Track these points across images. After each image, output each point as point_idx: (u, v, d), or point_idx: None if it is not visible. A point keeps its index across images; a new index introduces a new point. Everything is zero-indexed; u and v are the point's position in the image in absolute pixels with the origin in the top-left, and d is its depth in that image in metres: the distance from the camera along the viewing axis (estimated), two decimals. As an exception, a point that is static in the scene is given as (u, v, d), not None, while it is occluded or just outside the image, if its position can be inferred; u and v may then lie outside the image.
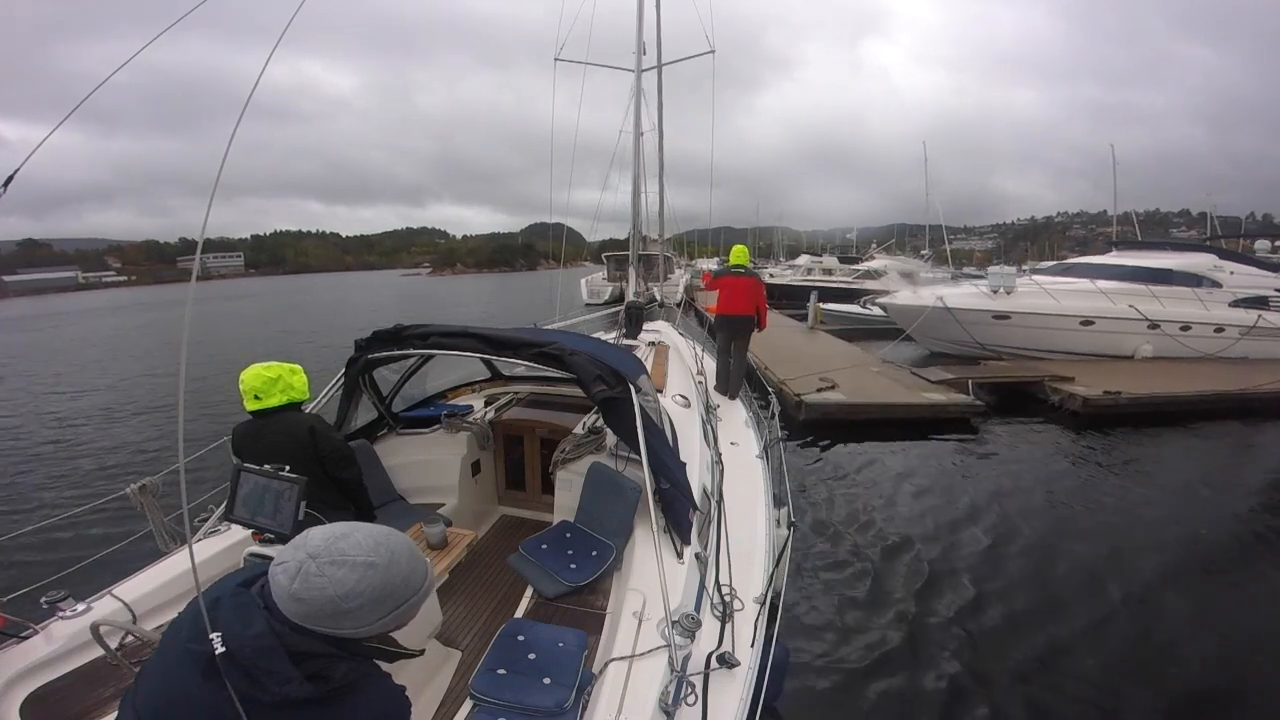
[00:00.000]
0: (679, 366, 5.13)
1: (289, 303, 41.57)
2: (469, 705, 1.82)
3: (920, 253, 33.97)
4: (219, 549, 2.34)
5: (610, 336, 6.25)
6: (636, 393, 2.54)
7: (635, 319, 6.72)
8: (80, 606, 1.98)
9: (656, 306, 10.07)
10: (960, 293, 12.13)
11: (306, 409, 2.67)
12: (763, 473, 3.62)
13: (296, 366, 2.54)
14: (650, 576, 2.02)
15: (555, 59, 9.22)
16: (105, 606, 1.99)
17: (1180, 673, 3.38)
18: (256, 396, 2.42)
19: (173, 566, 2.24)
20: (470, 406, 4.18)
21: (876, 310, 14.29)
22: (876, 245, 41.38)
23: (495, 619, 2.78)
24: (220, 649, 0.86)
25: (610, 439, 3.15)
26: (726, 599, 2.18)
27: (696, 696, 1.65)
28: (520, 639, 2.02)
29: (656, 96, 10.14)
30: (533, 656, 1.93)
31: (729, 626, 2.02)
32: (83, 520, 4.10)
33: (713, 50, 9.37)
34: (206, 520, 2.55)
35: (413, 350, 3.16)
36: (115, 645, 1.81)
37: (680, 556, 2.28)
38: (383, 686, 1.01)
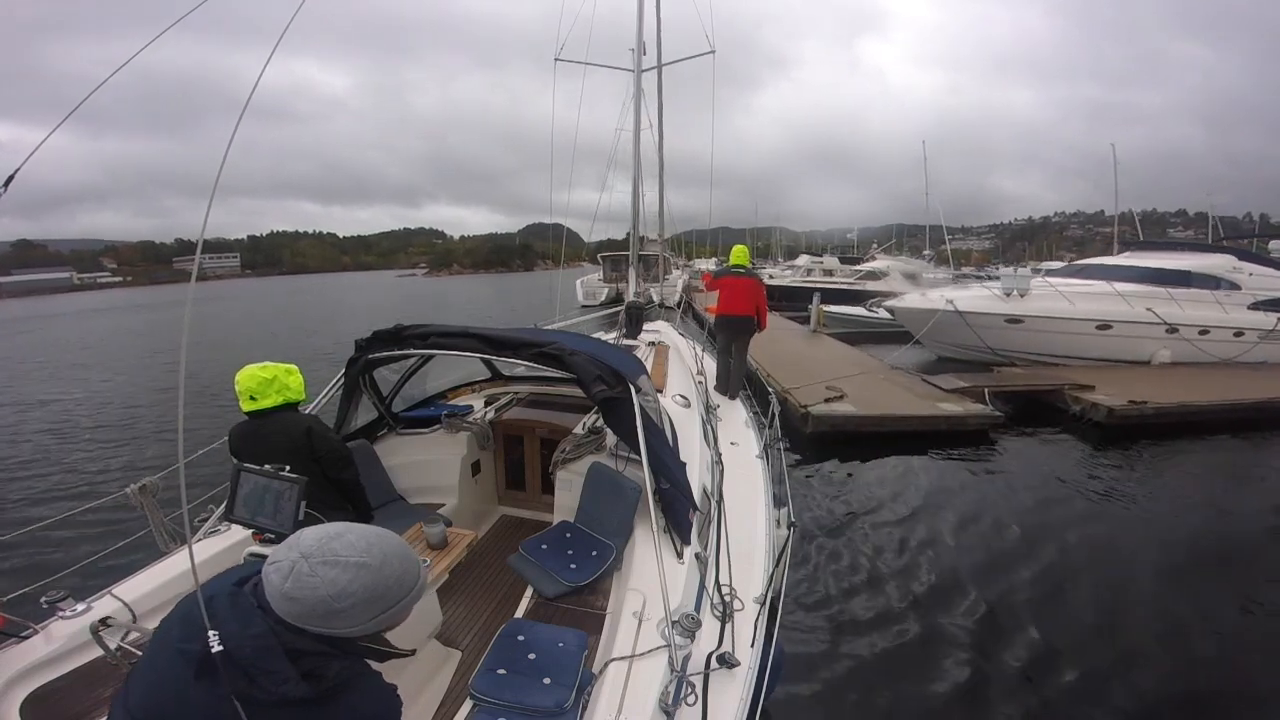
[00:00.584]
0: (679, 366, 5.13)
1: (274, 306, 40.66)
2: (469, 705, 1.83)
3: (923, 253, 33.69)
4: (219, 549, 2.34)
5: (610, 336, 6.26)
6: (636, 393, 2.55)
7: (635, 319, 6.72)
8: (80, 606, 1.98)
9: (657, 307, 10.04)
10: (971, 295, 11.65)
11: (305, 409, 2.67)
12: (763, 473, 3.62)
13: (292, 367, 2.54)
14: (650, 576, 2.02)
15: (555, 59, 9.22)
16: (105, 606, 1.99)
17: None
18: (252, 398, 2.41)
19: (173, 566, 2.24)
20: (470, 406, 4.18)
21: (883, 313, 13.84)
22: (877, 245, 40.98)
23: (495, 619, 2.78)
24: (218, 648, 0.87)
25: (610, 439, 3.15)
26: (726, 599, 2.18)
27: (696, 696, 1.65)
28: (520, 639, 2.03)
29: (656, 97, 10.12)
30: (533, 656, 1.93)
31: (729, 626, 2.03)
32: (83, 520, 4.09)
33: (713, 50, 9.36)
34: (206, 520, 2.55)
35: (413, 350, 3.16)
36: (115, 645, 1.81)
37: (680, 556, 2.28)
38: (375, 685, 1.02)
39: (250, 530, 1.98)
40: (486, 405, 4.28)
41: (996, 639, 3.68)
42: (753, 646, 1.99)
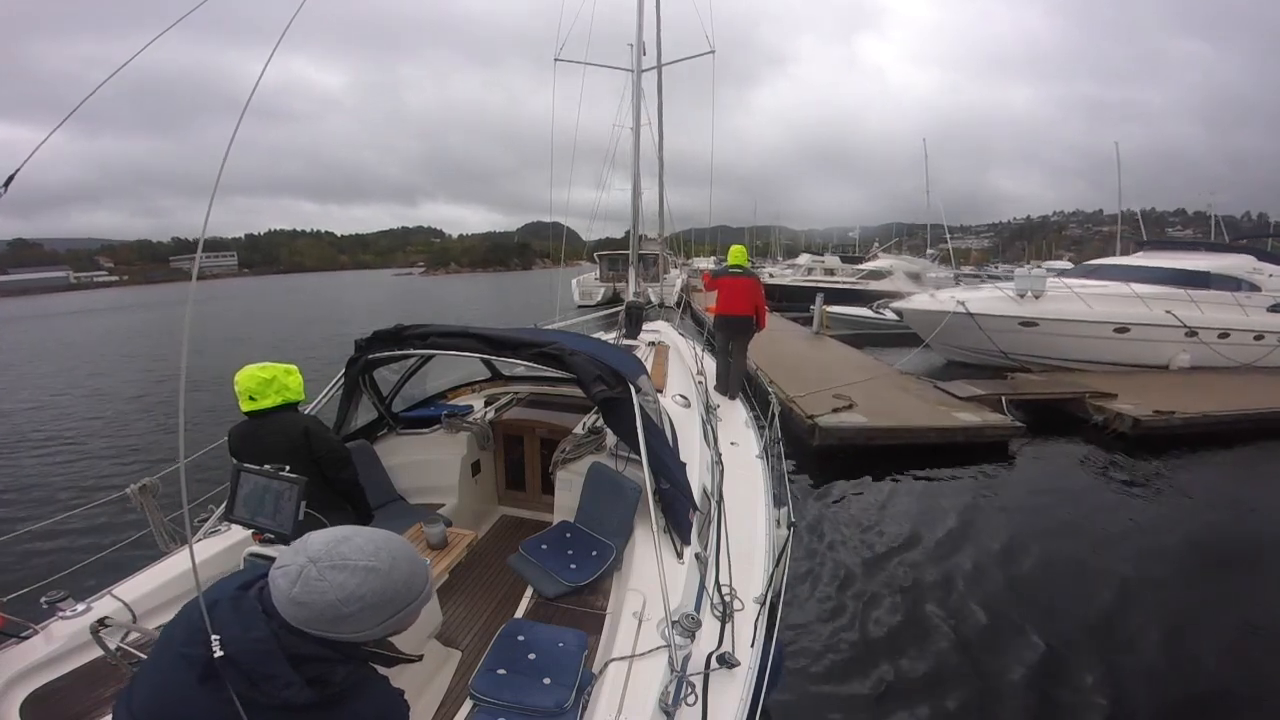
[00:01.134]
0: (679, 366, 5.13)
1: (260, 306, 39.60)
2: (469, 705, 1.83)
3: (926, 251, 33.25)
4: (219, 549, 2.34)
5: (610, 336, 6.26)
6: (636, 393, 2.55)
7: (635, 319, 6.72)
8: (80, 606, 1.98)
9: (657, 307, 10.00)
10: (983, 297, 11.10)
11: (305, 409, 2.67)
12: (763, 473, 3.62)
13: (292, 367, 2.55)
14: (650, 576, 2.02)
15: (555, 59, 9.21)
16: (105, 606, 1.99)
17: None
18: (251, 398, 2.42)
19: (173, 566, 2.24)
20: (470, 406, 4.18)
21: (890, 315, 13.33)
22: (878, 244, 40.51)
23: (495, 619, 2.78)
24: (219, 652, 0.86)
25: (610, 439, 3.15)
26: (726, 599, 2.18)
27: (696, 696, 1.65)
28: (520, 639, 2.03)
29: (656, 97, 10.11)
30: (533, 656, 1.93)
31: (729, 626, 2.03)
32: (83, 520, 4.09)
33: (713, 50, 9.35)
34: (206, 520, 2.55)
35: (413, 350, 3.16)
36: (115, 646, 1.81)
37: (680, 556, 2.28)
38: (381, 690, 1.02)
39: (250, 530, 1.98)
40: (486, 405, 4.28)
41: (1036, 672, 3.41)
42: (753, 646, 1.99)
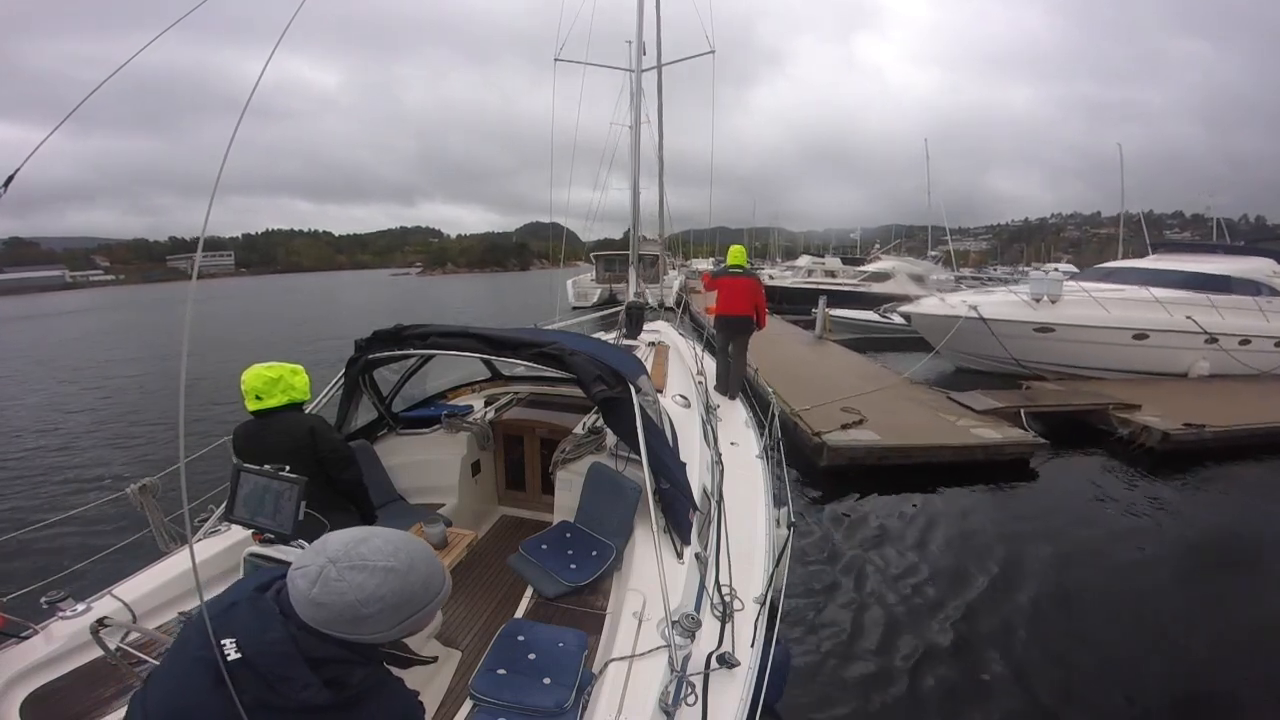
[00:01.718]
0: (679, 366, 5.14)
1: (252, 309, 38.52)
2: (469, 705, 1.83)
3: (929, 253, 32.66)
4: (219, 549, 2.34)
5: (610, 336, 6.26)
6: (636, 393, 2.55)
7: (635, 319, 6.72)
8: (80, 606, 1.98)
9: (658, 308, 9.97)
10: (996, 301, 10.60)
11: (307, 409, 2.68)
12: (763, 473, 3.63)
13: (298, 367, 2.55)
14: (650, 576, 2.02)
15: (555, 59, 9.21)
16: (105, 606, 1.99)
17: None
18: (258, 397, 2.42)
19: (173, 566, 2.25)
20: (470, 406, 4.18)
21: (897, 319, 12.76)
22: (879, 246, 39.70)
23: (495, 619, 2.78)
24: (235, 655, 0.86)
25: (610, 439, 3.15)
26: (726, 599, 2.18)
27: (696, 696, 1.66)
28: (520, 639, 2.03)
29: (656, 97, 10.11)
30: (533, 656, 1.93)
31: (729, 626, 2.03)
32: (83, 520, 4.08)
33: (713, 50, 9.35)
34: (206, 520, 2.55)
35: (412, 350, 3.16)
36: (115, 646, 1.81)
37: (680, 556, 2.29)
38: (398, 692, 1.02)
39: (250, 530, 1.98)
40: (486, 405, 4.28)
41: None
42: (753, 646, 2.00)
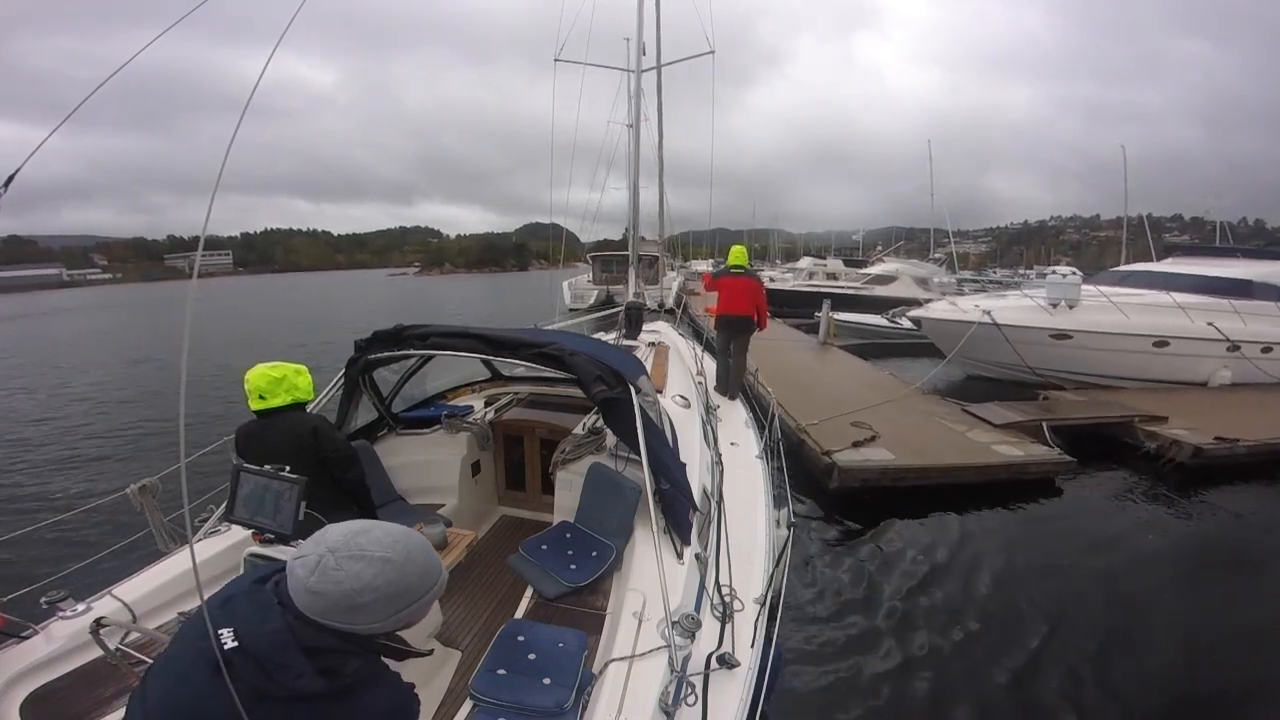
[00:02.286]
0: (679, 367, 5.14)
1: (245, 308, 37.97)
2: (469, 705, 1.82)
3: (933, 255, 31.96)
4: (219, 549, 2.34)
5: (610, 337, 6.27)
6: (636, 393, 2.55)
7: (635, 319, 6.72)
8: (80, 606, 1.98)
9: (658, 309, 9.95)
10: (1011, 306, 10.10)
11: (309, 409, 2.68)
12: (763, 473, 3.63)
13: (302, 367, 2.56)
14: (650, 577, 2.02)
15: (555, 59, 9.22)
16: (105, 606, 1.99)
17: None
18: (261, 396, 2.43)
19: (173, 566, 2.25)
20: (470, 407, 4.18)
21: (906, 323, 12.28)
22: (881, 248, 39.34)
23: (495, 619, 2.78)
24: (233, 644, 0.88)
25: (610, 439, 3.15)
26: (726, 599, 2.18)
27: (696, 697, 1.66)
28: (520, 639, 2.03)
29: (656, 97, 10.12)
30: (533, 657, 1.93)
31: (729, 627, 2.03)
32: (83, 520, 4.08)
33: (712, 51, 9.36)
34: (206, 520, 2.55)
35: (412, 351, 3.17)
36: (115, 646, 1.81)
37: (680, 557, 2.29)
38: (393, 682, 1.03)
39: (250, 530, 1.98)
40: (486, 405, 4.28)
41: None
42: (753, 647, 2.00)
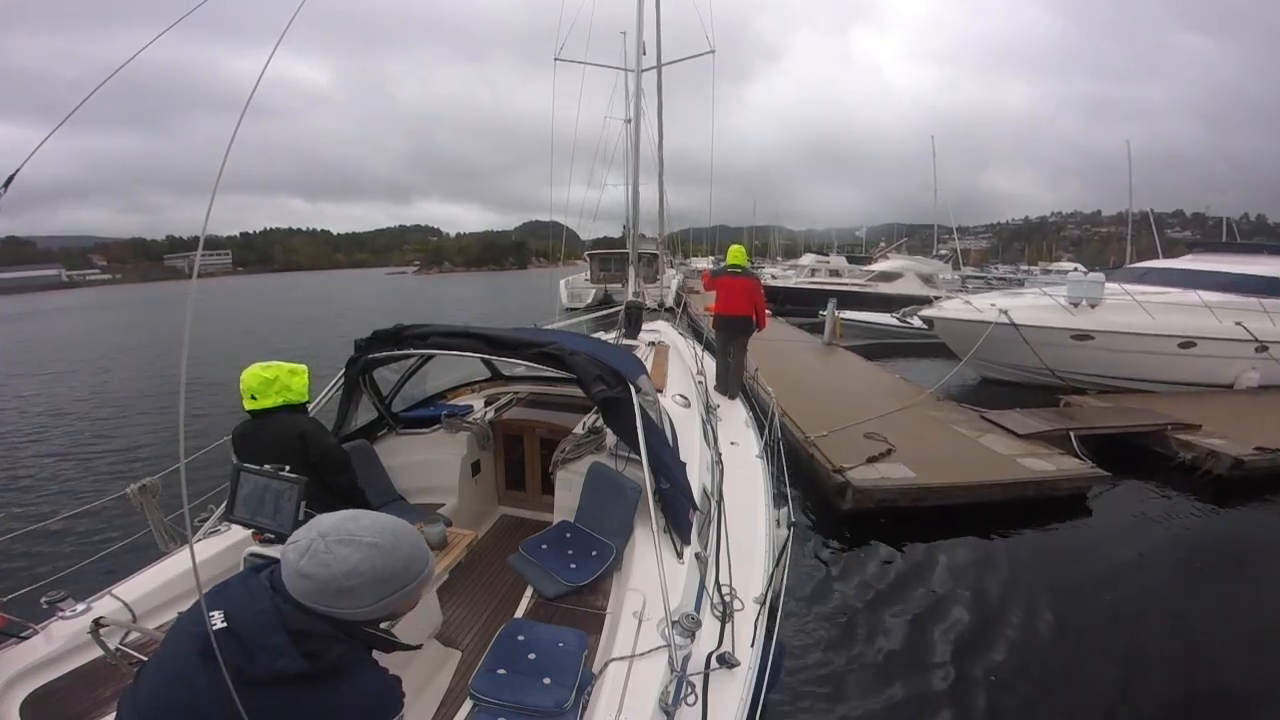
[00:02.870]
0: (679, 366, 5.14)
1: (243, 307, 37.32)
2: (469, 705, 1.83)
3: (939, 252, 31.62)
4: (219, 549, 2.33)
5: (610, 336, 6.26)
6: (636, 393, 2.55)
7: (635, 319, 6.72)
8: (80, 606, 1.98)
9: (658, 308, 9.91)
10: (1028, 305, 9.61)
11: (310, 409, 2.67)
12: (763, 473, 3.63)
13: (298, 367, 2.54)
14: (650, 576, 2.02)
15: (555, 59, 9.22)
16: (105, 606, 1.99)
17: None
18: (253, 397, 2.42)
19: (173, 566, 2.25)
20: (470, 406, 4.18)
21: (917, 323, 11.76)
22: (884, 244, 37.95)
23: (495, 619, 2.78)
24: (221, 624, 0.90)
25: (610, 439, 3.15)
26: (726, 599, 2.18)
27: (696, 696, 1.66)
28: (520, 639, 2.03)
29: (656, 96, 10.11)
30: (533, 656, 1.93)
31: (729, 626, 2.03)
32: (83, 520, 4.09)
33: (713, 50, 9.35)
34: (206, 520, 2.55)
35: (412, 350, 3.16)
36: (115, 646, 1.81)
37: (680, 556, 2.29)
38: (374, 670, 1.04)
39: (250, 530, 1.98)
40: (486, 405, 4.28)
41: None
42: (753, 646, 1.99)
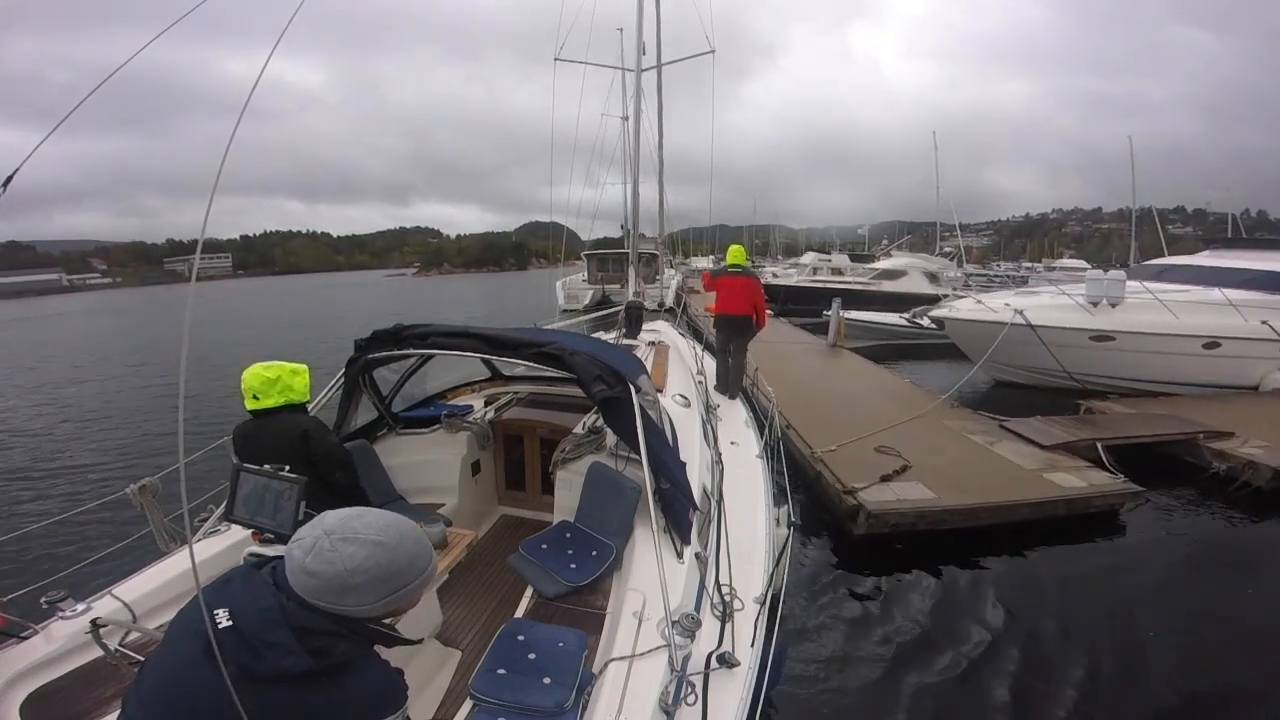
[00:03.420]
0: (679, 366, 5.13)
1: (242, 310, 36.95)
2: (469, 705, 1.83)
3: (942, 250, 31.13)
4: (219, 549, 2.33)
5: (610, 336, 6.26)
6: (636, 393, 2.55)
7: (635, 319, 6.72)
8: (80, 606, 1.98)
9: (659, 309, 9.87)
10: (1045, 305, 9.15)
11: (310, 409, 2.67)
12: (763, 472, 3.63)
13: (299, 367, 2.54)
14: (650, 576, 2.02)
15: (555, 59, 9.21)
16: (105, 606, 1.99)
17: None
18: (255, 396, 2.42)
19: (173, 566, 2.24)
20: (470, 406, 4.18)
21: (927, 323, 11.24)
22: (887, 242, 37.21)
23: (495, 619, 2.78)
24: (227, 623, 0.90)
25: (610, 439, 3.15)
26: (726, 599, 2.18)
27: (696, 696, 1.65)
28: (520, 639, 2.03)
29: (656, 96, 10.10)
30: (533, 656, 1.93)
31: (729, 626, 2.03)
32: (83, 520, 4.09)
33: (712, 50, 9.34)
34: (206, 520, 2.55)
35: (412, 350, 3.16)
36: (115, 646, 1.81)
37: (680, 556, 2.29)
38: (379, 665, 1.04)
39: (250, 530, 1.98)
40: (486, 405, 4.28)
41: None
42: (753, 646, 1.99)
